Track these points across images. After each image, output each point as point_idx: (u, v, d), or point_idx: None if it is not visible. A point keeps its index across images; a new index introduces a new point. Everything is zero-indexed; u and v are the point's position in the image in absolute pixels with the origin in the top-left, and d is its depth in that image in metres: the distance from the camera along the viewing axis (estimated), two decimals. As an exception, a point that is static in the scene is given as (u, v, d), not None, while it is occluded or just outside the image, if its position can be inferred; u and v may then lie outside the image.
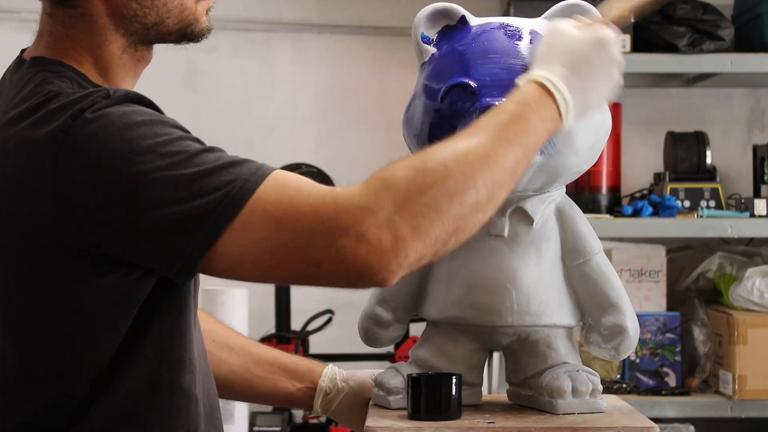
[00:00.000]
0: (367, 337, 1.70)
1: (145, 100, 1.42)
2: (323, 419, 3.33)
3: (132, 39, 1.53)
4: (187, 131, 1.40)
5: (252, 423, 3.26)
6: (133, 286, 1.41)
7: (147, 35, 1.53)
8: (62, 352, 1.43)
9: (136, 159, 1.32)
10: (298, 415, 3.38)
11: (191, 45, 1.61)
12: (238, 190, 1.33)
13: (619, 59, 1.51)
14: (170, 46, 1.58)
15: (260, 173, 1.35)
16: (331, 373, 1.80)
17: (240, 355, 1.79)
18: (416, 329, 2.43)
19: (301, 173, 3.81)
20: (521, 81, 1.47)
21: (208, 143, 1.40)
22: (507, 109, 1.42)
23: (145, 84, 1.60)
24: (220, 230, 1.32)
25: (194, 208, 1.32)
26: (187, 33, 1.55)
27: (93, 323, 1.42)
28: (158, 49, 1.57)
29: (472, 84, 1.56)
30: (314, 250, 1.31)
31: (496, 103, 1.52)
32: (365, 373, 1.79)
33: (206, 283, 3.64)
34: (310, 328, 3.38)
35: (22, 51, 1.56)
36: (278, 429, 3.24)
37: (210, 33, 1.57)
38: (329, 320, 3.39)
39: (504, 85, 1.55)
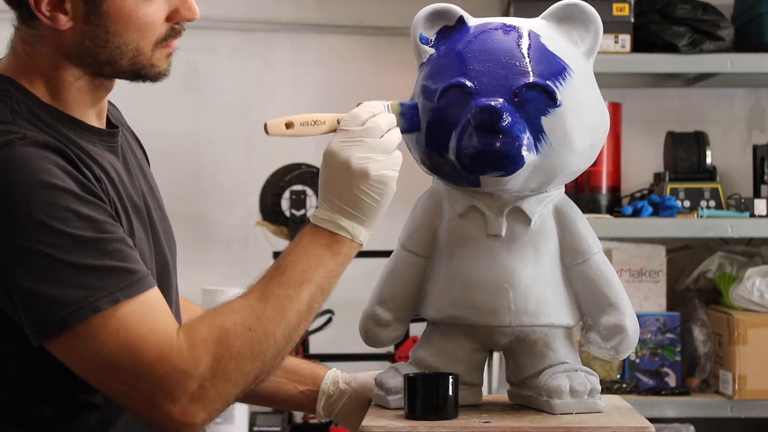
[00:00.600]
0: (368, 337, 1.70)
1: (63, 152, 1.46)
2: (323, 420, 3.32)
3: (86, 70, 1.55)
4: (82, 199, 1.45)
5: (252, 423, 3.26)
6: None
7: (101, 70, 1.55)
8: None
9: (27, 227, 1.41)
10: (298, 415, 3.38)
11: (191, 45, 1.60)
12: (102, 296, 1.42)
13: (343, 161, 1.55)
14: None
15: (128, 291, 1.44)
16: (334, 376, 1.80)
17: None
18: (416, 329, 2.43)
19: (301, 173, 3.81)
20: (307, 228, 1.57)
21: (208, 143, 1.42)
22: (288, 258, 1.54)
23: (145, 84, 1.60)
24: (69, 324, 1.42)
25: (55, 296, 1.41)
26: (141, 74, 1.57)
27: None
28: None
29: (469, 84, 1.56)
30: (135, 392, 1.45)
31: (492, 103, 1.52)
32: (367, 375, 1.79)
33: (206, 283, 3.65)
34: (310, 328, 3.38)
35: None
36: (278, 429, 3.24)
37: (167, 76, 1.61)
38: (329, 320, 3.39)
39: (499, 85, 1.55)
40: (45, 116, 1.50)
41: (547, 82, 1.55)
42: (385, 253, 1.78)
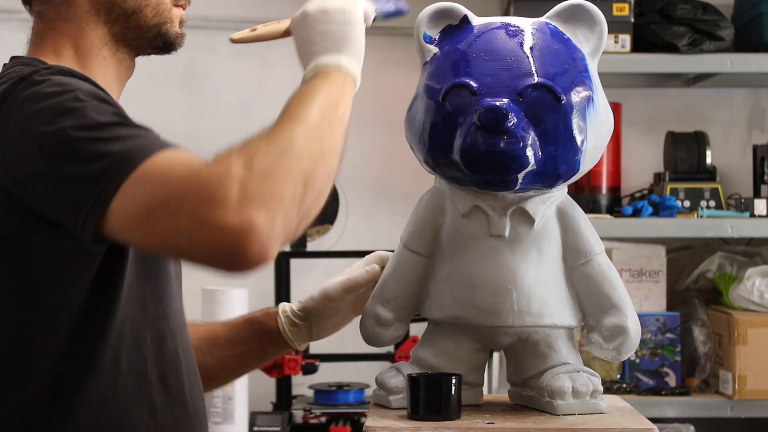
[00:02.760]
0: (368, 336, 1.70)
1: (85, 77, 1.49)
2: (323, 419, 3.33)
3: (113, 29, 1.60)
4: (105, 100, 1.46)
5: (252, 423, 3.26)
6: (70, 249, 1.48)
7: (127, 26, 1.60)
8: (13, 330, 1.49)
9: (56, 120, 1.41)
10: (298, 415, 3.38)
11: (191, 45, 1.62)
12: (131, 157, 1.38)
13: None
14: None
15: (153, 147, 1.41)
16: (283, 311, 1.80)
17: (200, 346, 1.79)
18: (416, 329, 2.43)
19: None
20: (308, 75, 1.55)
21: (208, 143, 1.43)
22: (284, 105, 1.50)
23: (145, 84, 1.60)
24: (112, 191, 1.38)
25: (94, 169, 1.38)
26: (162, 31, 1.62)
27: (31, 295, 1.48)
28: (158, 49, 1.58)
29: (473, 84, 1.56)
30: (182, 218, 1.34)
31: (497, 103, 1.53)
32: (319, 293, 1.79)
33: (206, 283, 3.65)
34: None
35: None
36: (278, 429, 3.23)
37: (183, 42, 1.65)
38: (329, 320, 3.38)
39: (504, 85, 1.55)
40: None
41: (552, 82, 1.55)
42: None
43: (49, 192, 1.42)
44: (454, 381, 1.56)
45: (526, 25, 1.62)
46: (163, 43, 1.64)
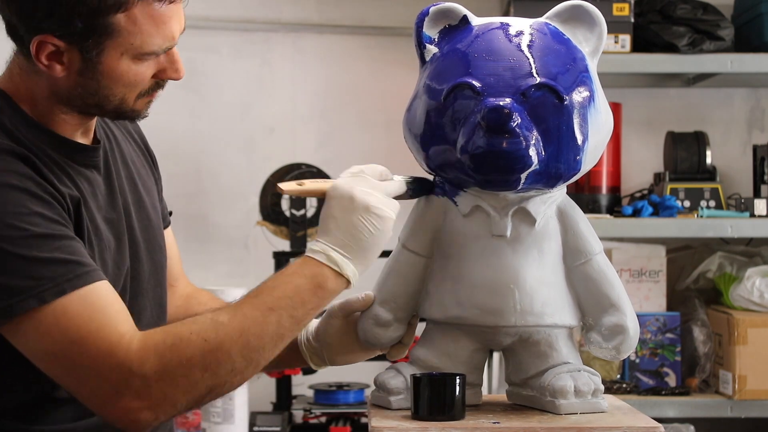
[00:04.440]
0: (367, 337, 1.70)
1: (26, 158, 1.53)
2: (323, 419, 3.33)
3: (74, 109, 1.63)
4: (37, 198, 1.52)
5: (252, 423, 3.26)
6: None
7: (87, 110, 1.64)
8: None
9: None
10: (298, 415, 3.38)
11: (191, 45, 1.62)
12: (48, 287, 1.48)
13: (346, 193, 1.58)
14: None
15: (75, 282, 1.50)
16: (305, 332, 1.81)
17: None
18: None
19: (301, 173, 3.81)
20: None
21: (208, 143, 1.44)
22: (268, 282, 1.58)
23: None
24: (13, 314, 1.48)
25: (2, 284, 1.48)
26: (122, 116, 1.66)
27: None
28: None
29: (476, 84, 1.56)
30: (76, 382, 1.51)
31: (501, 103, 1.53)
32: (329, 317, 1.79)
33: (206, 283, 3.64)
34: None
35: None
36: (278, 429, 3.24)
37: (146, 116, 1.70)
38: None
39: (506, 85, 1.55)
40: (24, 129, 1.58)
41: (555, 82, 1.55)
42: (385, 253, 1.77)
43: None
44: (458, 381, 1.56)
45: (526, 25, 1.62)
46: (124, 119, 1.70)
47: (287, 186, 1.63)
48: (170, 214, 1.91)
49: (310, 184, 1.63)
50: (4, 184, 1.50)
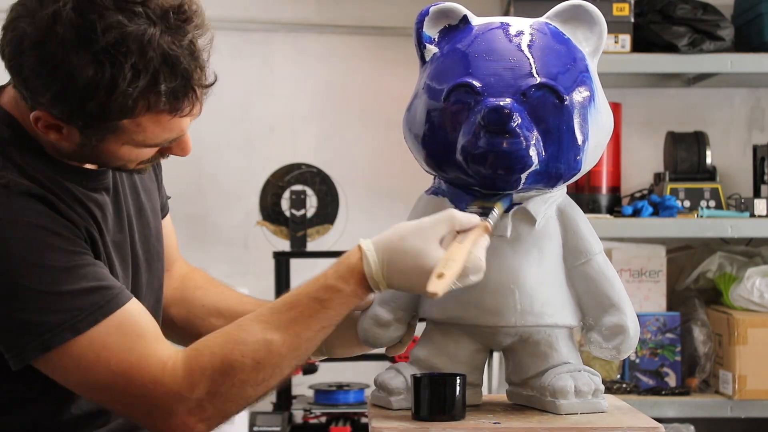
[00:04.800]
0: (367, 337, 1.70)
1: (43, 198, 1.53)
2: (323, 419, 3.33)
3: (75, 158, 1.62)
4: (60, 235, 1.52)
5: (252, 423, 3.26)
6: None
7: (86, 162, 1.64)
8: None
9: (3, 264, 1.48)
10: (298, 415, 3.38)
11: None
12: (82, 318, 1.49)
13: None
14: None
15: (107, 308, 1.50)
16: None
17: (227, 318, 1.81)
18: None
19: (301, 173, 3.80)
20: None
21: (208, 143, 1.43)
22: (320, 292, 1.58)
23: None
24: (50, 346, 1.49)
25: (36, 321, 1.48)
26: (123, 171, 1.67)
27: None
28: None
29: (476, 84, 1.56)
30: (135, 411, 1.54)
31: (501, 103, 1.53)
32: None
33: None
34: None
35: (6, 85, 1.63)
36: (278, 429, 3.23)
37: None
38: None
39: (507, 85, 1.55)
40: (34, 161, 1.56)
41: (555, 82, 1.55)
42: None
43: None
44: (458, 381, 1.56)
45: (527, 25, 1.62)
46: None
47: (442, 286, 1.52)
48: (168, 198, 1.90)
49: (452, 269, 1.52)
50: (23, 225, 1.50)
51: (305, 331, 1.55)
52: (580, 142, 1.57)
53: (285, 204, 3.50)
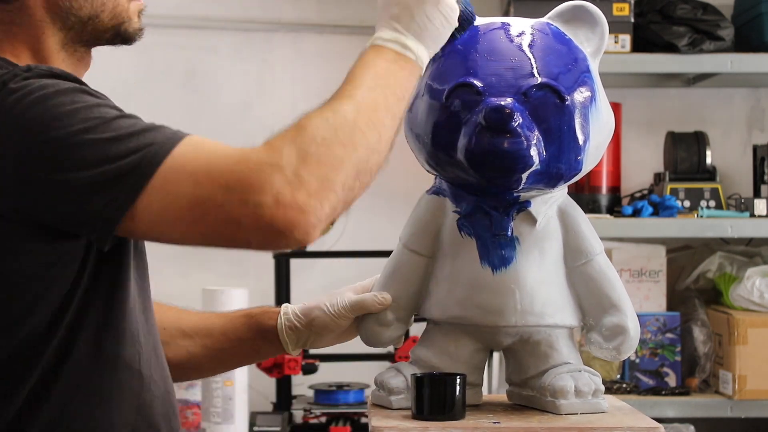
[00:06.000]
0: (368, 337, 1.70)
1: (69, 76, 1.45)
2: (323, 419, 3.33)
3: (69, 35, 1.56)
4: (104, 98, 1.43)
5: (252, 423, 3.26)
6: (59, 252, 1.44)
7: (83, 31, 1.56)
8: None
9: (55, 124, 1.36)
10: (298, 415, 3.38)
11: (191, 45, 1.60)
12: (155, 151, 1.37)
13: None
14: (169, 45, 1.58)
15: (176, 137, 1.39)
16: (285, 318, 1.76)
17: (194, 336, 1.77)
18: (415, 329, 2.43)
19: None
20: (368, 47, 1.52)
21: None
22: (355, 70, 1.48)
23: (145, 84, 1.60)
24: (138, 189, 1.36)
25: (112, 169, 1.36)
26: (120, 31, 1.58)
27: (20, 291, 1.43)
28: (158, 49, 1.58)
29: (478, 84, 1.56)
30: (231, 206, 1.35)
31: (502, 103, 1.53)
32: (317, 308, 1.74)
33: (206, 283, 3.64)
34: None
35: None
36: (278, 429, 3.24)
37: (142, 35, 1.61)
38: (329, 320, 3.38)
39: (508, 85, 1.55)
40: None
41: (556, 82, 1.55)
42: (385, 253, 1.78)
43: (54, 202, 1.38)
44: (459, 381, 1.56)
45: (528, 25, 1.62)
46: (122, 40, 1.60)
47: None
48: None
49: None
50: (62, 89, 1.39)
51: (356, 91, 1.44)
52: (581, 142, 1.58)
53: (285, 204, 3.49)
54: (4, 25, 1.54)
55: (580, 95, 1.57)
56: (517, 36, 1.60)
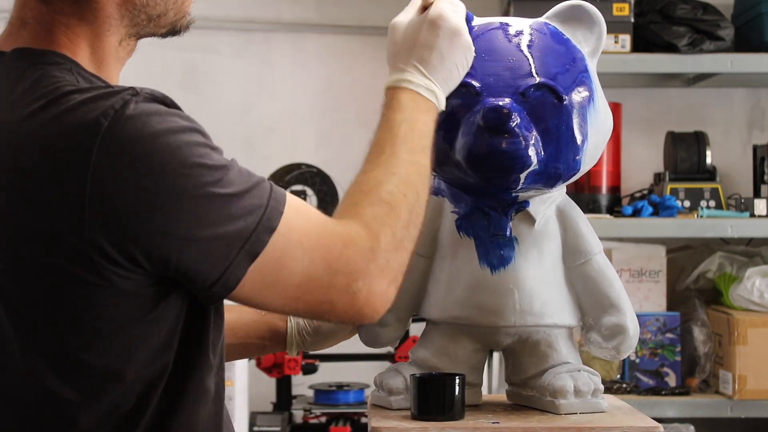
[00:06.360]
0: (367, 337, 1.70)
1: (168, 100, 1.41)
2: (323, 420, 3.33)
3: (131, 31, 1.51)
4: (206, 136, 1.39)
5: (252, 423, 3.26)
6: (158, 296, 1.38)
7: (147, 27, 1.52)
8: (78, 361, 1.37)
9: (184, 172, 1.32)
10: (298, 415, 3.38)
11: (191, 45, 1.59)
12: (268, 216, 1.37)
13: (455, 27, 1.55)
14: (169, 45, 1.57)
15: (279, 197, 1.40)
16: (295, 321, 1.76)
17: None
18: (415, 329, 2.43)
19: (301, 173, 3.81)
20: (386, 90, 1.59)
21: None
22: (403, 126, 1.52)
23: (145, 84, 1.59)
24: (257, 252, 1.35)
25: (236, 229, 1.34)
26: (176, 27, 1.56)
27: (113, 330, 1.37)
28: (157, 49, 1.57)
29: (476, 84, 1.56)
30: (335, 289, 1.40)
31: (500, 103, 1.53)
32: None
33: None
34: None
35: None
36: (278, 429, 3.24)
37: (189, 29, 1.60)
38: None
39: (506, 85, 1.55)
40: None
41: (554, 82, 1.55)
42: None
43: (171, 252, 1.32)
44: (458, 381, 1.56)
45: (526, 25, 1.62)
46: (174, 33, 1.57)
47: None
48: None
49: None
50: (178, 128, 1.35)
51: (411, 156, 1.49)
52: (579, 142, 1.58)
53: (285, 204, 3.49)
54: (63, 16, 1.46)
55: (578, 95, 1.57)
56: (515, 36, 1.60)
